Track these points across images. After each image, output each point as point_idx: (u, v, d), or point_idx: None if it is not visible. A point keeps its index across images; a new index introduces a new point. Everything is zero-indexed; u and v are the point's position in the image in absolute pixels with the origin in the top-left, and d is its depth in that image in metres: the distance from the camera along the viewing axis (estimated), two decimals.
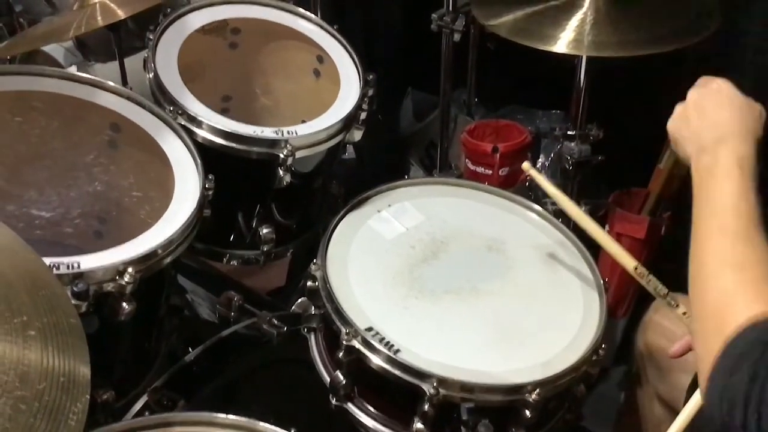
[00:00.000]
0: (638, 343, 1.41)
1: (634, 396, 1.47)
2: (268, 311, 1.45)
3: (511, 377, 1.15)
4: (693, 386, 1.24)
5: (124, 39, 1.67)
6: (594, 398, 1.88)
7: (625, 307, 1.95)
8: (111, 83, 1.32)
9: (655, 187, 1.85)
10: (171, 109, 1.34)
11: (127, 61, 1.67)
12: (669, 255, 1.97)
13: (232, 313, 1.48)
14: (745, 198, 0.93)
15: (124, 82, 1.57)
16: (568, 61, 1.72)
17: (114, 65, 1.67)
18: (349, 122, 1.44)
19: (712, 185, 0.96)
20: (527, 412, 1.13)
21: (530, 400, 1.12)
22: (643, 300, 1.90)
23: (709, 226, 0.93)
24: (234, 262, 1.54)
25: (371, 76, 1.50)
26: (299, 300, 1.35)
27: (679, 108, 1.10)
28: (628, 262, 1.22)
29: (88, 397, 0.75)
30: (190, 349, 1.47)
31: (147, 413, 1.24)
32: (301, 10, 1.62)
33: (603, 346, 1.22)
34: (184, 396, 1.33)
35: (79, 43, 2.06)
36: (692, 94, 1.09)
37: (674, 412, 1.32)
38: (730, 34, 1.80)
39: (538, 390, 1.12)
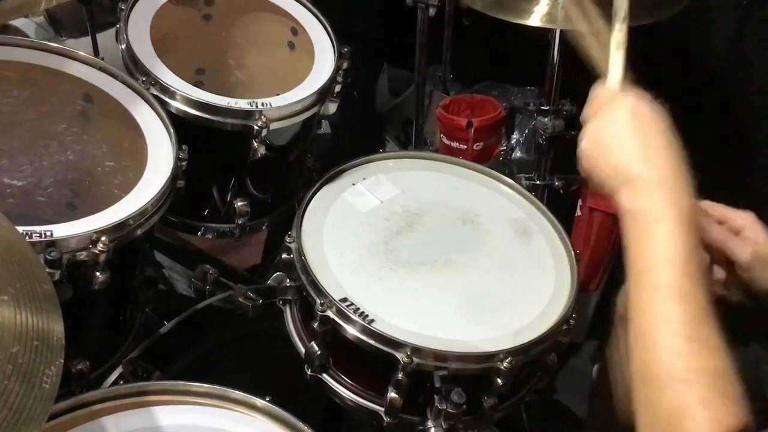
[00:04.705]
0: (619, 306, 1.43)
1: (609, 360, 1.50)
2: (243, 285, 1.46)
3: (483, 346, 1.16)
4: None
5: (97, 13, 1.64)
6: (567, 373, 1.92)
7: (597, 281, 1.98)
8: (83, 53, 1.31)
9: None
10: (144, 79, 1.33)
11: (99, 36, 1.65)
12: None
13: (208, 287, 1.48)
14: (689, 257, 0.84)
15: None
16: (542, 38, 1.73)
17: (86, 41, 1.65)
18: (323, 94, 1.44)
19: (648, 242, 0.85)
20: (499, 380, 1.15)
21: (502, 368, 1.14)
22: (615, 274, 1.93)
23: (653, 300, 0.83)
24: (209, 236, 1.53)
25: (346, 49, 1.50)
26: (275, 274, 1.36)
27: (589, 130, 0.97)
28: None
29: (62, 360, 0.75)
30: (165, 323, 1.47)
31: (122, 384, 1.24)
32: None
33: (574, 315, 1.25)
34: (160, 368, 1.33)
35: (50, 17, 2.03)
36: (605, 114, 0.95)
37: None
38: (703, 9, 1.82)
39: (509, 358, 1.14)
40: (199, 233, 1.53)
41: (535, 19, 1.50)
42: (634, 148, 0.91)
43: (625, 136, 0.93)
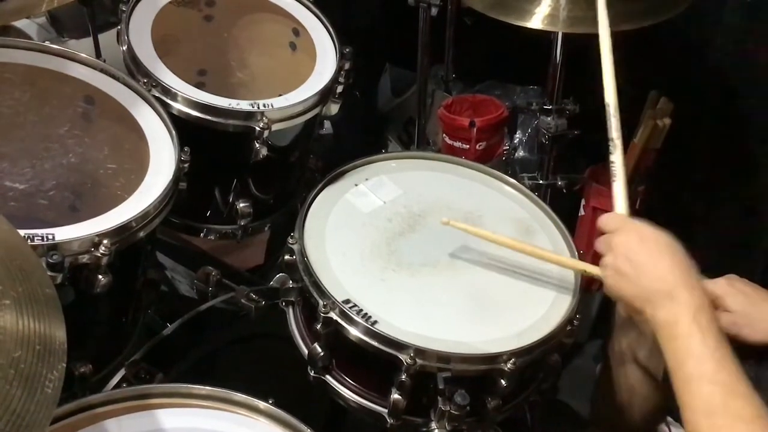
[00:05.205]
0: (619, 308, 1.42)
1: (611, 362, 1.50)
2: (246, 286, 1.45)
3: (486, 347, 1.16)
4: None
5: (98, 14, 1.64)
6: (570, 373, 1.92)
7: (600, 281, 1.97)
8: (84, 55, 1.31)
9: (629, 162, 1.86)
10: (145, 81, 1.33)
11: (101, 36, 1.65)
12: None
13: (210, 288, 1.48)
14: (717, 355, 0.96)
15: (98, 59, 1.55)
16: (544, 37, 1.73)
17: (88, 41, 1.65)
18: (325, 95, 1.44)
19: (676, 344, 0.99)
20: (503, 382, 1.15)
21: (506, 369, 1.13)
22: None
23: (696, 389, 0.96)
24: (211, 237, 1.53)
25: (348, 49, 1.50)
26: (277, 275, 1.35)
27: (609, 261, 1.10)
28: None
29: (64, 365, 0.75)
30: (168, 324, 1.47)
31: (125, 386, 1.24)
32: None
33: (578, 316, 1.24)
34: (163, 370, 1.33)
35: (52, 18, 2.03)
36: (616, 243, 1.09)
37: (650, 377, 1.35)
38: (706, 7, 1.81)
39: (513, 359, 1.13)
40: (202, 234, 1.54)
41: (537, 21, 1.49)
42: (649, 270, 1.05)
43: (638, 260, 1.06)
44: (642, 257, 1.06)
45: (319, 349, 1.21)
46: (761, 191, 1.88)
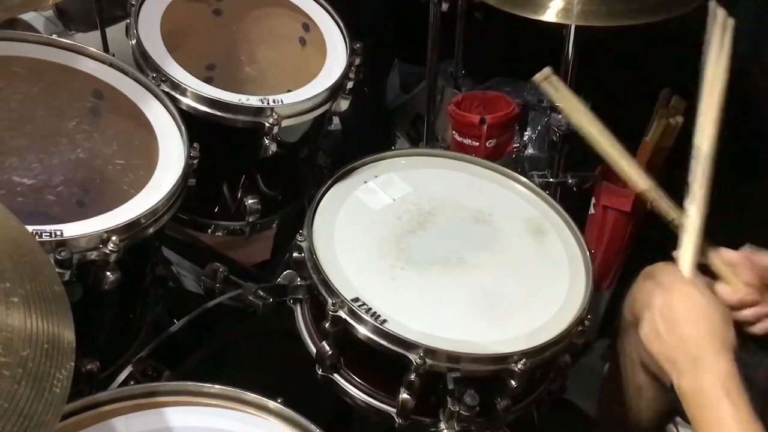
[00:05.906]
0: (626, 312, 1.41)
1: (617, 364, 1.49)
2: (253, 283, 1.44)
3: (497, 347, 1.15)
4: None
5: (106, 7, 1.64)
6: (577, 371, 1.90)
7: (610, 279, 1.97)
8: (93, 49, 1.30)
9: (641, 160, 1.85)
10: (154, 75, 1.32)
11: (108, 30, 1.65)
12: (655, 227, 1.99)
13: (217, 285, 1.47)
14: (743, 422, 0.96)
15: (106, 52, 1.54)
16: (556, 32, 1.71)
17: (96, 35, 1.65)
18: (335, 91, 1.43)
19: (706, 415, 0.99)
20: (513, 382, 1.14)
21: (516, 369, 1.13)
22: (627, 272, 1.92)
23: None
24: (219, 233, 1.53)
25: (358, 45, 1.48)
26: (285, 272, 1.34)
27: (647, 316, 1.09)
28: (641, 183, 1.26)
29: (72, 364, 0.74)
30: (175, 321, 1.47)
31: (132, 383, 1.23)
32: None
33: (589, 317, 1.23)
34: (170, 367, 1.33)
35: (59, 11, 2.03)
36: (658, 299, 1.08)
37: (657, 380, 1.34)
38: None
39: (524, 360, 1.13)
40: (210, 231, 1.53)
41: (551, 14, 1.47)
42: (680, 333, 1.04)
43: (673, 322, 1.05)
44: (677, 317, 1.06)
45: (328, 348, 1.20)
46: None
